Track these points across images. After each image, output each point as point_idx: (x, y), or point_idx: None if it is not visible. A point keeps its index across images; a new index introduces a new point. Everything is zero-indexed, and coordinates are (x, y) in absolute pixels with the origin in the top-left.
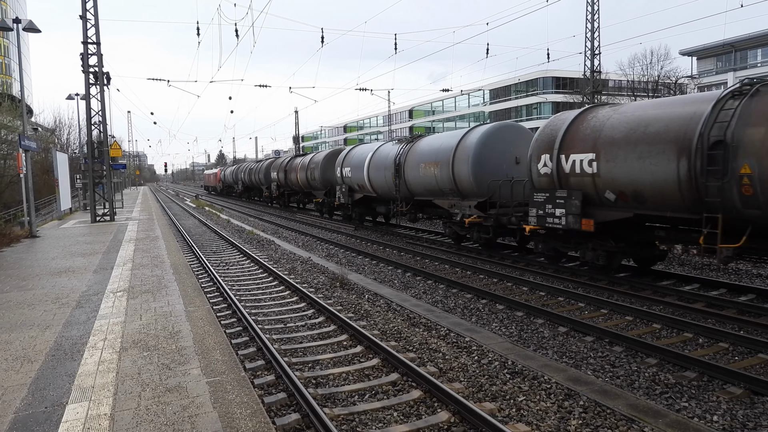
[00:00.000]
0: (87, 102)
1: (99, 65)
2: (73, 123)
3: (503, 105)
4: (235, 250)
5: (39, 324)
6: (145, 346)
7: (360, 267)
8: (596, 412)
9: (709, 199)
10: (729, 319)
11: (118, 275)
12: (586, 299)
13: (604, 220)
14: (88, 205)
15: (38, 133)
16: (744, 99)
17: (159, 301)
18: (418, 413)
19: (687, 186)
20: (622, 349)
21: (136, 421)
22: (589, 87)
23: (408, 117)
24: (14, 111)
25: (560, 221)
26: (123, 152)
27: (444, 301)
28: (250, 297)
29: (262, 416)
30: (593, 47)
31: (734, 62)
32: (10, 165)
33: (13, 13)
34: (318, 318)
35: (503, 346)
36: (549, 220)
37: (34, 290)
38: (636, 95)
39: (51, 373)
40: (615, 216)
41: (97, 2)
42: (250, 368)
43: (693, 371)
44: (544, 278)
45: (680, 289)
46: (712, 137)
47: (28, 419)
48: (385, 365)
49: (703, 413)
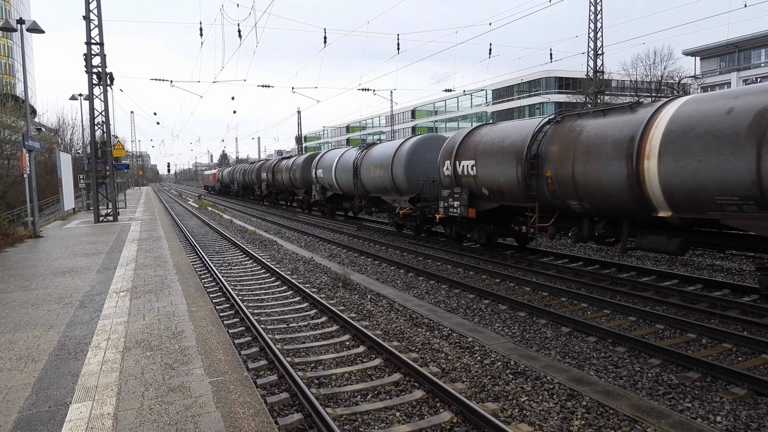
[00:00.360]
0: (90, 102)
1: (102, 66)
2: (77, 123)
3: (506, 105)
4: (238, 250)
5: (43, 324)
6: (148, 345)
7: (362, 267)
8: (599, 413)
9: (532, 193)
10: (732, 319)
11: (122, 275)
12: (589, 299)
13: (483, 210)
14: (91, 206)
15: (42, 134)
16: (551, 125)
17: (162, 301)
18: (420, 413)
19: (523, 184)
20: (625, 349)
21: (140, 420)
22: (592, 87)
23: (411, 117)
24: (18, 111)
25: (457, 210)
26: (126, 152)
27: (446, 301)
28: (252, 297)
29: (265, 416)
30: (596, 47)
31: (738, 62)
32: (14, 165)
33: (16, 13)
34: (320, 318)
35: (506, 346)
36: (450, 210)
37: (37, 290)
38: (639, 95)
39: (54, 372)
40: (488, 206)
41: (100, 3)
42: (253, 368)
43: (696, 372)
44: (546, 278)
45: (683, 290)
46: (532, 151)
47: (32, 419)
48: (387, 365)
49: (706, 414)
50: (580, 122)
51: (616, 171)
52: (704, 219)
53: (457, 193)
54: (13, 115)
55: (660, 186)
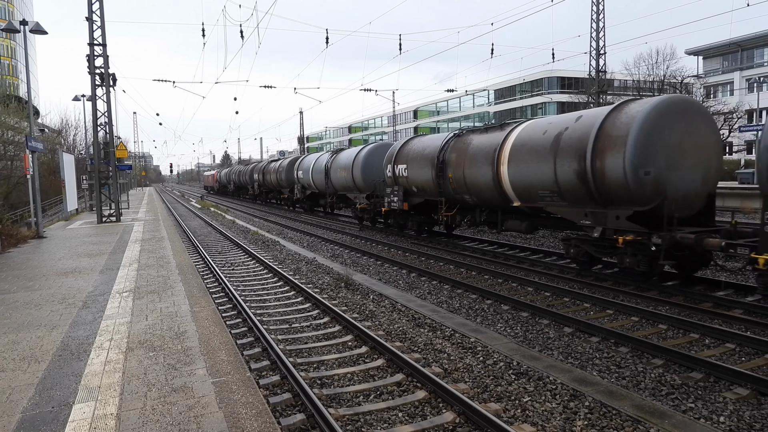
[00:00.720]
0: (93, 103)
1: (105, 66)
2: (80, 124)
3: (508, 105)
4: (240, 251)
5: (46, 324)
6: (150, 346)
7: (365, 267)
8: (602, 413)
9: (441, 190)
10: (736, 319)
11: (124, 276)
12: (592, 300)
13: (413, 203)
14: (94, 206)
15: (45, 135)
16: (454, 139)
17: (165, 302)
18: (423, 414)
19: (435, 183)
20: (627, 349)
21: (143, 421)
22: (594, 87)
23: (413, 117)
24: (21, 112)
25: (396, 205)
26: (129, 153)
27: (449, 301)
28: (255, 297)
29: (268, 416)
30: (598, 47)
31: (741, 61)
32: (17, 166)
33: (20, 15)
34: (323, 318)
35: (508, 346)
36: (392, 204)
37: (41, 290)
38: (641, 95)
39: (58, 372)
40: (417, 201)
41: (103, 4)
42: (256, 368)
43: (699, 372)
44: (549, 279)
45: (687, 290)
46: (440, 158)
47: (35, 419)
48: (390, 366)
49: (709, 414)
50: (470, 137)
51: (488, 173)
52: (537, 207)
53: (396, 191)
54: (16, 116)
55: (510, 184)
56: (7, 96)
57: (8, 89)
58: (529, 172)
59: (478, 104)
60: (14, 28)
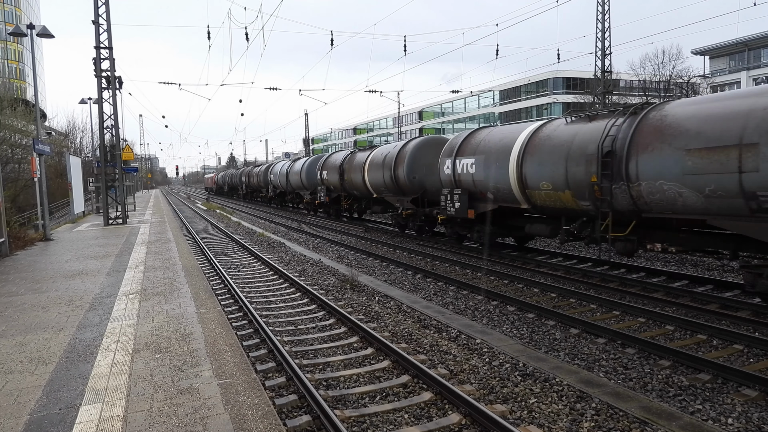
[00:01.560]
0: (99, 106)
1: (111, 69)
2: (86, 127)
3: (513, 106)
4: (246, 253)
5: (53, 326)
6: (157, 348)
7: (370, 269)
8: (609, 415)
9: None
10: (743, 320)
11: (131, 278)
12: (598, 300)
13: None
14: (100, 209)
15: (52, 137)
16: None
17: (171, 304)
18: (429, 415)
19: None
20: (634, 351)
21: (149, 422)
22: (599, 87)
23: (418, 118)
24: (28, 115)
25: (324, 198)
26: (135, 156)
27: (454, 302)
28: (261, 299)
29: (274, 418)
30: (604, 47)
31: (747, 61)
32: (25, 169)
33: (27, 18)
34: (329, 320)
35: (514, 347)
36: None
37: (48, 293)
38: (647, 95)
39: (65, 374)
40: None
41: (109, 7)
42: (262, 370)
43: (707, 373)
44: (555, 279)
45: (694, 291)
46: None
47: (42, 420)
48: (395, 367)
49: (717, 416)
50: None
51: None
52: (381, 196)
53: (322, 188)
54: (23, 119)
55: (370, 183)
56: (14, 99)
57: (16, 93)
58: (377, 176)
59: (483, 105)
60: (21, 32)
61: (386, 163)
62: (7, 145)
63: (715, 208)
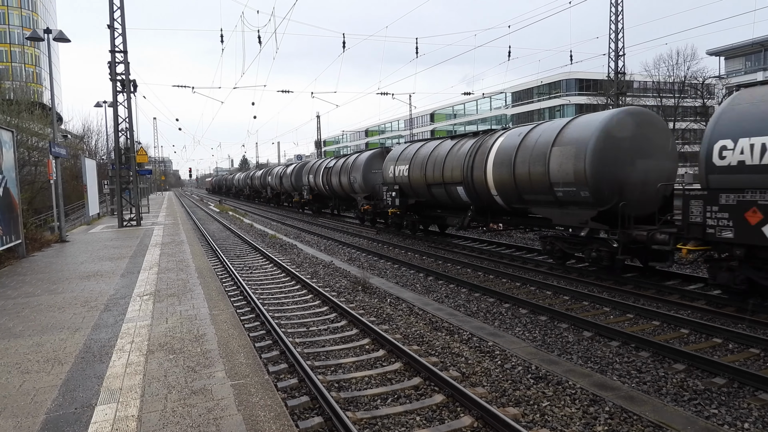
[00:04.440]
0: (114, 109)
1: (126, 73)
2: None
3: (525, 108)
4: (258, 254)
5: (69, 327)
6: (170, 348)
7: (382, 271)
8: (622, 418)
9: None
10: (760, 324)
11: (145, 279)
12: (612, 303)
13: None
14: (115, 211)
15: (68, 140)
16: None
17: (184, 305)
18: (440, 418)
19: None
20: (648, 354)
21: (163, 422)
22: (613, 89)
23: (429, 120)
24: (45, 119)
25: (307, 196)
26: (149, 158)
27: (466, 305)
28: (273, 301)
29: (286, 419)
30: (617, 48)
31: (764, 61)
32: (41, 171)
33: (44, 23)
34: (340, 322)
35: (527, 350)
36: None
37: (64, 294)
38: (661, 96)
39: (80, 374)
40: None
41: (124, 12)
42: (274, 371)
43: (723, 377)
44: (567, 282)
45: (709, 293)
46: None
47: (59, 420)
48: (407, 369)
49: (733, 420)
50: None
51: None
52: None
53: (308, 187)
54: (40, 123)
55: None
56: (31, 103)
57: (33, 96)
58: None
59: (495, 107)
60: (38, 37)
61: (344, 170)
62: (24, 148)
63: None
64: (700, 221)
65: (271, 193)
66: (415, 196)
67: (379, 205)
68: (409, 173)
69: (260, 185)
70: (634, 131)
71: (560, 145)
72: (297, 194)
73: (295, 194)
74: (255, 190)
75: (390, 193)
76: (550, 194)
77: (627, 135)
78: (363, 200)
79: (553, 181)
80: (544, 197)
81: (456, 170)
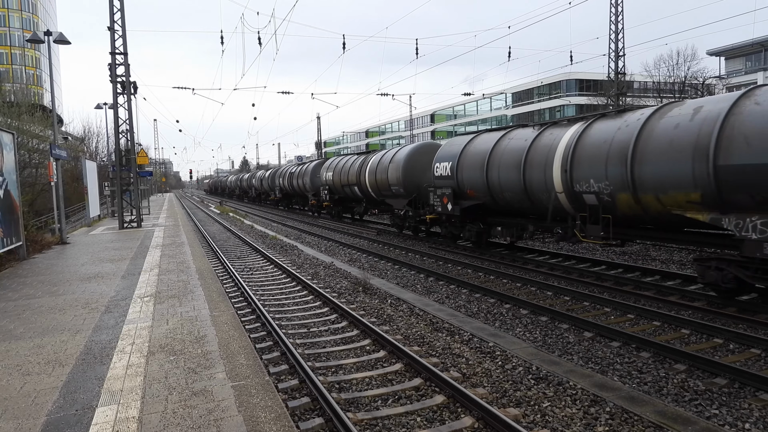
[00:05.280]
0: (115, 111)
1: (126, 75)
2: (102, 131)
3: (526, 108)
4: (259, 256)
5: (70, 328)
6: (171, 350)
7: (382, 272)
8: (623, 419)
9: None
10: (761, 324)
11: (145, 281)
12: (612, 304)
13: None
14: (116, 212)
15: (68, 142)
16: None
17: (185, 306)
18: (441, 418)
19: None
20: (649, 354)
21: (164, 424)
22: (613, 89)
23: (430, 121)
24: (45, 121)
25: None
26: (149, 160)
27: (467, 305)
28: (273, 302)
29: (287, 420)
30: (617, 48)
31: (764, 62)
32: (42, 173)
33: (44, 25)
34: (341, 323)
35: (527, 351)
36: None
37: (64, 295)
38: (662, 97)
39: (81, 376)
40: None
41: (124, 14)
42: (274, 372)
43: (724, 378)
44: (568, 283)
45: (710, 294)
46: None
47: (59, 422)
48: (408, 370)
49: (734, 421)
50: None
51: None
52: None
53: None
54: (41, 125)
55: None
56: (32, 105)
57: (33, 98)
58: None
59: (495, 107)
60: (39, 39)
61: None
62: (25, 150)
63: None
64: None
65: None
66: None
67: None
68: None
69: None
70: (422, 157)
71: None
72: (312, 196)
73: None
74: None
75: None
76: (390, 191)
77: (420, 159)
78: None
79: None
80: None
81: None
